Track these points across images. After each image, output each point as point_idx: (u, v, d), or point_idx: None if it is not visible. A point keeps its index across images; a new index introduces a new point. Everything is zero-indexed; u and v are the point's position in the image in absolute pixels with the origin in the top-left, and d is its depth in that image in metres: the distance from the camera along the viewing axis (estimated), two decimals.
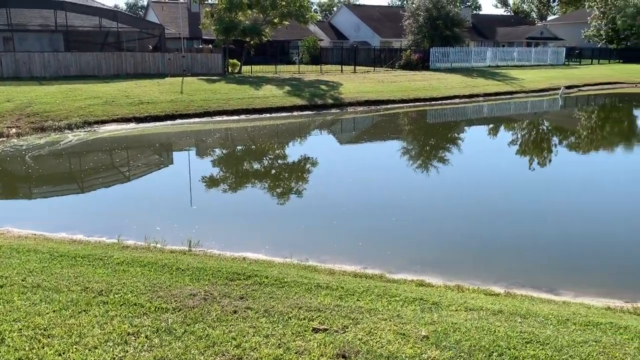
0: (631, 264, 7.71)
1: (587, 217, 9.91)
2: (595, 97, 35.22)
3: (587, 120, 25.08)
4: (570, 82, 37.69)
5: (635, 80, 42.15)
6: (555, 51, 52.05)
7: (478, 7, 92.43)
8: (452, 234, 8.87)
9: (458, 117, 26.67)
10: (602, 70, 46.76)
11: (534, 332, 4.30)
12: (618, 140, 20.02)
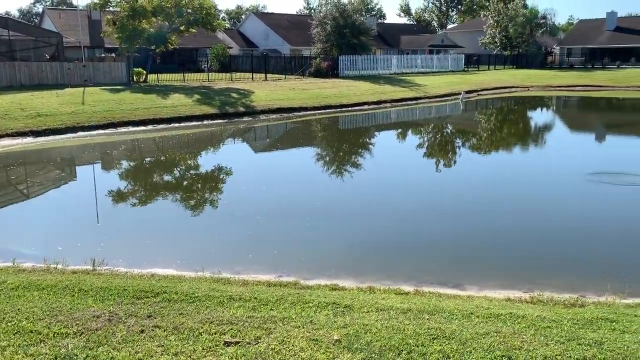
0: (529, 256, 8.24)
1: (490, 213, 10.49)
2: (492, 100, 37.54)
3: (486, 123, 26.67)
4: (469, 87, 39.93)
5: (527, 85, 45.43)
6: (455, 58, 54.98)
7: (383, 16, 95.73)
8: (365, 236, 9.06)
9: (369, 123, 27.41)
10: (498, 75, 49.96)
11: (440, 328, 4.47)
12: (515, 140, 21.44)
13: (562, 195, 11.78)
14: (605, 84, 44.74)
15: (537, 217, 10.22)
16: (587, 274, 7.48)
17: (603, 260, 7.98)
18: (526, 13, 62.29)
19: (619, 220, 9.94)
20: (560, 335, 4.36)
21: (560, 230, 9.41)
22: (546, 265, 7.87)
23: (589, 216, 10.25)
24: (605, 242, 8.85)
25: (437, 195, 12.01)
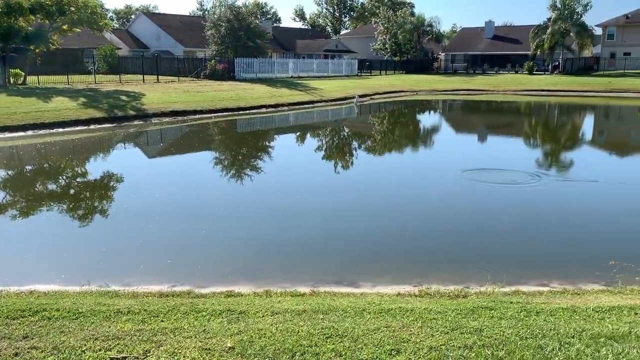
0: (419, 250, 8.65)
1: (382, 211, 10.87)
2: (385, 104, 39.10)
3: (380, 125, 27.71)
4: (363, 91, 41.26)
5: (416, 89, 47.83)
6: (349, 63, 56.57)
7: (278, 19, 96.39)
8: (263, 239, 9.02)
9: (267, 126, 27.39)
10: (389, 80, 52.12)
11: (333, 327, 4.55)
12: (406, 141, 22.46)
13: (447, 192, 12.49)
14: (485, 88, 48.26)
15: (425, 214, 10.76)
16: (470, 267, 7.97)
17: (485, 253, 8.57)
18: (413, 20, 65.64)
19: (496, 214, 10.72)
20: (444, 326, 4.61)
21: (445, 226, 9.98)
22: (434, 259, 8.30)
23: (471, 211, 10.95)
24: (486, 235, 9.50)
25: (332, 196, 12.25)
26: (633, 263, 7.21)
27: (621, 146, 21.43)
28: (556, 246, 8.90)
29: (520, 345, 4.15)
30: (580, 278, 7.19)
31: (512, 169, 15.00)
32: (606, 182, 13.41)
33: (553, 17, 55.16)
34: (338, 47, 71.60)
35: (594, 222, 10.27)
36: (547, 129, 27.26)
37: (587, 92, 43.72)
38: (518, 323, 4.69)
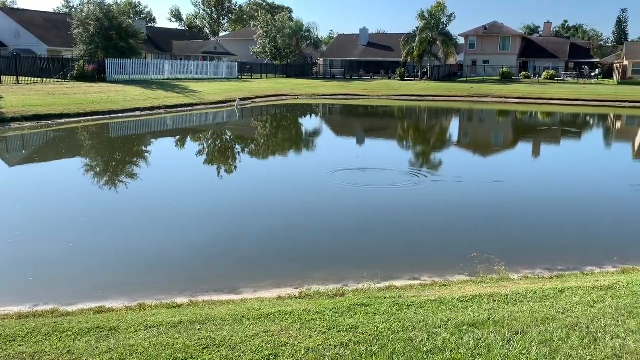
0: (300, 252, 8.75)
1: (261, 214, 10.85)
2: (267, 107, 39.20)
3: (262, 128, 27.70)
4: (244, 94, 41.03)
5: (297, 93, 48.53)
6: (229, 65, 55.95)
7: (153, 19, 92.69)
8: (137, 250, 8.59)
9: (141, 130, 26.18)
10: (270, 84, 52.36)
11: (211, 337, 4.44)
12: (287, 144, 22.65)
13: (325, 193, 12.78)
14: (361, 93, 50.22)
15: (303, 215, 10.92)
16: (349, 265, 8.20)
17: (362, 251, 8.88)
18: (292, 25, 66.55)
19: (370, 213, 11.17)
20: (322, 326, 4.68)
21: (324, 227, 10.20)
22: (315, 260, 8.44)
23: (347, 211, 11.29)
24: (362, 233, 9.85)
25: (210, 201, 12.00)
26: (492, 254, 7.87)
27: (484, 147, 23.39)
28: (427, 241, 9.47)
29: (393, 338, 4.33)
30: (448, 270, 7.70)
31: (388, 169, 15.75)
32: (469, 180, 14.54)
33: (421, 27, 58.85)
34: (217, 50, 70.55)
35: (459, 218, 11.06)
36: (419, 131, 28.99)
37: (453, 97, 47.19)
38: (391, 317, 4.90)
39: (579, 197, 12.92)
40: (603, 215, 11.41)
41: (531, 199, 12.74)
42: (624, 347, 4.07)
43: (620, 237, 9.83)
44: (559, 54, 64.38)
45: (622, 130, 31.60)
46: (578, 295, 5.53)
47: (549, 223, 10.77)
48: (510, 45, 64.32)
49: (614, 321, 4.63)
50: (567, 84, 52.98)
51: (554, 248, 9.20)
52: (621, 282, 6.04)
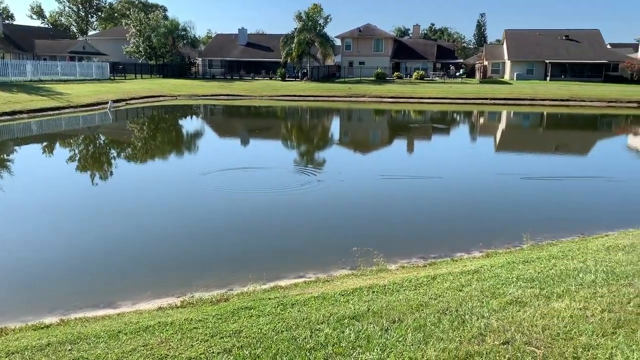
0: (180, 259, 8.46)
1: (136, 221, 10.37)
2: (143, 109, 37.49)
3: (139, 131, 26.42)
4: (117, 96, 38.93)
5: (175, 94, 47.02)
6: (99, 66, 52.76)
7: (10, 16, 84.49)
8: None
9: (1, 137, 23.81)
10: (146, 84, 50.14)
11: (83, 356, 4.15)
12: (169, 147, 21.83)
13: (210, 196, 12.53)
14: (243, 93, 49.86)
15: (186, 221, 10.61)
16: (234, 268, 8.10)
17: (247, 253, 8.81)
18: (167, 24, 64.31)
19: (249, 216, 11.14)
20: (205, 334, 4.57)
21: (206, 231, 10.00)
22: (197, 267, 8.22)
23: (231, 214, 11.17)
24: (244, 235, 9.79)
25: (80, 213, 11.24)
26: (372, 247, 8.18)
27: (364, 145, 24.30)
28: (311, 239, 9.64)
29: (276, 339, 4.34)
30: (331, 266, 7.90)
31: (270, 167, 15.78)
32: (350, 177, 15.03)
33: (299, 28, 59.73)
34: (86, 49, 66.27)
35: (340, 214, 11.40)
36: (302, 131, 29.41)
37: (332, 97, 48.49)
38: (275, 318, 4.91)
39: (450, 188, 13.87)
40: (471, 203, 12.37)
41: (407, 192, 13.47)
42: (487, 325, 4.43)
43: (486, 224, 10.72)
44: (427, 55, 68.66)
45: (485, 125, 34.46)
46: (448, 280, 5.92)
47: (423, 214, 11.47)
48: (383, 47, 67.43)
49: (479, 302, 5.02)
50: (435, 84, 56.69)
51: (428, 237, 9.83)
52: (485, 266, 6.58)
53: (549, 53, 61.69)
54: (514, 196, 13.35)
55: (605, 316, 4.49)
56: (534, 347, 3.99)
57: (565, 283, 5.45)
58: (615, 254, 6.57)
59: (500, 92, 48.30)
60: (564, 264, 6.26)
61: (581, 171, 17.24)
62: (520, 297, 5.09)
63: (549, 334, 4.20)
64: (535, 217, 11.05)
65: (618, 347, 3.92)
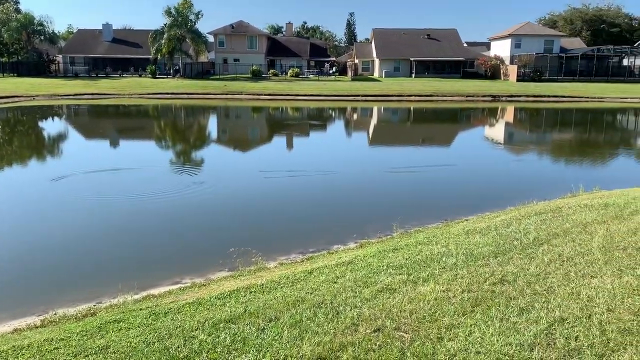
0: (43, 274, 7.76)
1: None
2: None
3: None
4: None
5: (33, 94, 43.13)
6: None
7: None
8: None
9: None
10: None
11: None
12: (27, 152, 19.94)
13: (72, 203, 11.66)
14: (110, 92, 47.04)
15: (44, 231, 9.78)
16: (103, 280, 7.59)
17: (116, 261, 8.31)
18: (20, 18, 58.78)
19: (116, 222, 10.56)
20: (67, 354, 4.22)
21: (69, 241, 9.29)
22: (62, 281, 7.61)
23: (97, 221, 10.49)
24: (112, 243, 9.24)
25: None
26: (249, 246, 8.10)
27: (244, 142, 24.06)
28: (186, 242, 9.33)
29: (147, 351, 4.12)
30: (209, 269, 7.71)
31: (146, 168, 15.04)
32: (226, 176, 14.80)
33: (168, 24, 57.61)
34: None
35: (213, 216, 11.18)
36: (177, 130, 28.39)
37: (208, 94, 47.44)
38: (146, 329, 4.66)
39: (326, 183, 14.19)
40: (347, 196, 12.77)
41: (287, 188, 13.57)
42: (360, 315, 4.57)
43: (360, 215, 11.11)
44: (301, 53, 69.73)
45: (359, 121, 35.79)
46: (324, 274, 6.04)
47: (301, 209, 11.63)
48: (258, 44, 67.32)
49: (352, 293, 5.17)
50: (310, 81, 57.80)
51: (307, 232, 9.97)
52: (359, 256, 6.80)
53: (413, 51, 65.57)
54: (385, 187, 14.00)
55: (465, 296, 4.84)
56: (403, 331, 4.19)
57: (430, 267, 5.80)
58: (474, 237, 7.12)
59: (371, 89, 50.47)
60: (429, 249, 6.67)
61: (444, 160, 18.54)
62: (390, 284, 5.32)
63: (415, 317, 4.43)
64: (405, 206, 11.69)
65: (476, 324, 4.25)
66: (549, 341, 3.90)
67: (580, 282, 5.00)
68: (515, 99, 46.69)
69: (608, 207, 7.94)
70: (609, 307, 4.37)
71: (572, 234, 6.68)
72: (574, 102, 45.10)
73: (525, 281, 5.11)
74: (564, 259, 5.68)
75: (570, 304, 4.49)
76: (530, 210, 8.64)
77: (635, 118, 37.09)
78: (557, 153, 21.69)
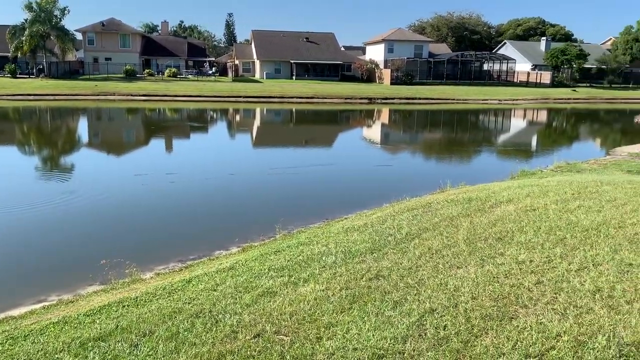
0: None
1: None
2: None
3: None
4: None
5: None
6: None
7: None
8: None
9: None
10: None
11: None
12: None
13: None
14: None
15: None
16: None
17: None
18: None
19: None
20: None
21: None
22: None
23: None
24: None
25: None
26: (122, 257, 7.66)
27: (117, 146, 22.71)
28: (51, 257, 8.60)
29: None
30: (78, 284, 7.16)
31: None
32: (100, 182, 13.90)
33: (30, 19, 52.91)
34: None
35: (84, 227, 10.45)
36: (42, 134, 26.12)
37: (77, 95, 44.26)
38: (1, 356, 4.20)
39: (207, 186, 13.85)
40: (228, 199, 12.55)
41: (165, 194, 13.02)
42: (240, 321, 4.48)
43: (242, 218, 10.98)
44: (178, 53, 67.60)
45: (241, 122, 35.43)
46: (203, 281, 5.86)
47: (181, 214, 11.23)
48: (131, 43, 64.13)
49: (232, 299, 5.07)
50: (189, 82, 56.21)
51: (187, 239, 9.63)
52: (241, 261, 6.70)
53: (293, 54, 66.39)
54: (268, 188, 13.99)
55: (344, 293, 4.95)
56: (283, 335, 4.18)
57: (310, 267, 5.86)
58: (352, 235, 7.32)
59: (252, 90, 50.27)
60: (310, 249, 6.74)
61: (326, 160, 18.96)
62: (271, 288, 5.29)
63: (296, 319, 4.44)
64: (287, 207, 11.76)
65: (353, 321, 4.35)
66: (420, 332, 4.10)
67: (447, 273, 5.32)
68: (389, 101, 49.06)
69: (471, 201, 8.57)
70: (473, 295, 4.69)
71: (441, 227, 7.11)
72: (442, 104, 48.40)
73: (398, 275, 5.34)
74: (433, 252, 6.02)
75: (439, 295, 4.76)
76: (403, 207, 9.08)
77: (495, 118, 40.68)
78: (428, 151, 23.13)
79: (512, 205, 7.87)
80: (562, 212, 7.17)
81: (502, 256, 5.62)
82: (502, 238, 6.24)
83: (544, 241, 5.96)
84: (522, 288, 4.75)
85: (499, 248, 5.90)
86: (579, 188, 8.81)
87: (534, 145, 26.42)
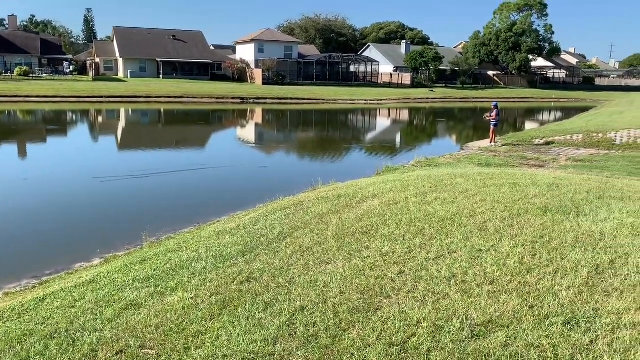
0: None
1: None
2: None
3: None
4: None
5: None
6: None
7: None
8: None
9: None
10: None
11: None
12: None
13: None
14: None
15: None
16: None
17: None
18: None
19: None
20: None
21: None
22: None
23: None
24: None
25: None
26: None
27: None
28: None
29: None
30: None
31: None
32: None
33: None
34: None
35: None
36: None
37: None
38: None
39: (66, 195, 12.80)
40: (88, 206, 11.69)
41: (16, 204, 11.80)
42: (101, 338, 4.18)
43: (105, 228, 10.30)
44: (30, 50, 61.87)
45: (105, 123, 33.27)
46: (60, 298, 5.39)
47: (36, 227, 10.26)
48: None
49: (92, 315, 4.72)
50: (43, 81, 51.71)
51: (42, 252, 8.82)
52: (102, 273, 6.27)
53: (159, 52, 63.87)
54: (134, 193, 13.28)
55: (214, 299, 4.82)
56: (148, 348, 3.97)
57: (179, 275, 5.64)
58: (224, 238, 7.18)
59: (115, 89, 47.51)
60: (178, 256, 6.50)
61: (196, 162, 18.45)
62: (135, 300, 5.01)
63: (162, 331, 4.24)
64: (155, 213, 11.25)
65: (223, 327, 4.26)
66: (291, 331, 4.12)
67: (317, 269, 5.42)
68: (262, 101, 49.13)
69: (340, 197, 8.84)
70: (341, 290, 4.82)
71: (312, 225, 7.23)
72: (313, 104, 49.52)
73: (270, 275, 5.33)
74: (304, 250, 6.10)
75: (309, 292, 4.83)
76: (276, 206, 9.11)
77: (362, 117, 42.49)
78: (301, 150, 23.52)
79: (377, 200, 8.24)
80: (421, 204, 7.66)
81: (368, 249, 5.86)
82: (367, 232, 6.50)
83: (405, 232, 6.31)
84: (386, 279, 4.98)
85: (365, 242, 6.14)
86: (435, 181, 9.46)
87: (397, 142, 28.02)
